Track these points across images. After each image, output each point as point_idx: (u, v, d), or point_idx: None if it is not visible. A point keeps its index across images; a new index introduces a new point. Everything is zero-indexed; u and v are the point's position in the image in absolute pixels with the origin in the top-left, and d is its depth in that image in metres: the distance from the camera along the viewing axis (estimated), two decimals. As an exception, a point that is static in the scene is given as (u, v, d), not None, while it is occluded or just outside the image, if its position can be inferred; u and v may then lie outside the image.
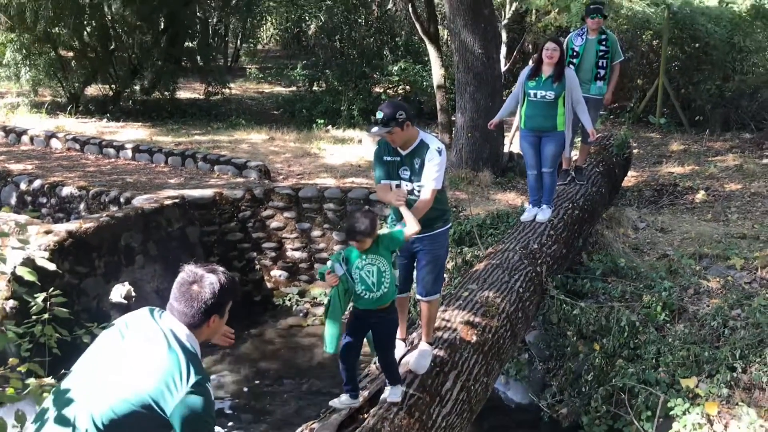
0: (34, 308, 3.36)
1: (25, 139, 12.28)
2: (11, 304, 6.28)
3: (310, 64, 18.58)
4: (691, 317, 6.02)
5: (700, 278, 6.58)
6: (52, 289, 3.50)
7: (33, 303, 3.32)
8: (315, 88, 18.30)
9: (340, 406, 3.97)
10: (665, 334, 5.87)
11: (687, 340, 5.68)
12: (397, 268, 4.37)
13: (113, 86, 16.70)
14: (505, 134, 11.02)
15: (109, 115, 15.05)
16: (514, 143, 11.16)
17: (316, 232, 8.97)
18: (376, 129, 3.98)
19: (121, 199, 8.63)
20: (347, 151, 12.01)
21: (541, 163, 6.53)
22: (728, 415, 4.95)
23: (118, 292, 8.44)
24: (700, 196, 9.45)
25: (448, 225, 4.33)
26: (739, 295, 6.13)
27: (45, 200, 9.32)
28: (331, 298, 3.85)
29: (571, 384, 6.07)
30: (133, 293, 8.48)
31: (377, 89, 17.75)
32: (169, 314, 2.59)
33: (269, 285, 9.05)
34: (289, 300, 8.85)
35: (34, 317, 3.41)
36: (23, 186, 9.48)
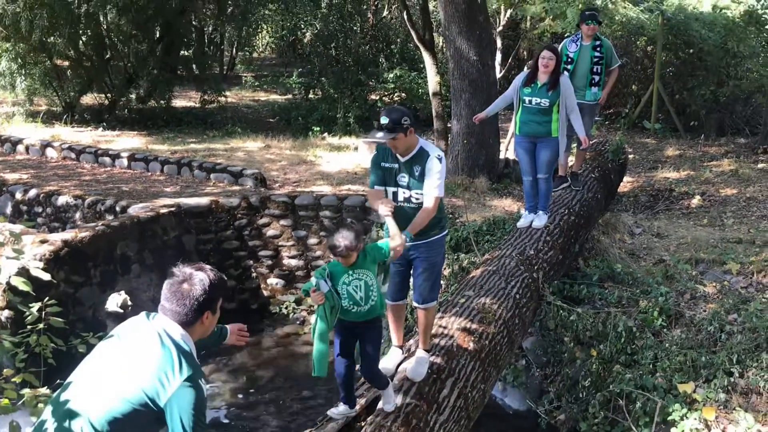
0: (29, 318, 3.34)
1: (21, 148, 12.26)
2: (6, 314, 6.27)
3: (306, 71, 18.61)
4: (688, 322, 6.01)
5: (697, 283, 6.58)
6: (47, 298, 3.49)
7: (28, 313, 3.31)
8: (311, 95, 18.34)
9: (337, 416, 3.96)
10: (662, 340, 5.87)
11: (684, 345, 5.68)
12: (390, 276, 4.36)
13: (109, 95, 16.69)
14: (501, 140, 11.05)
15: (105, 124, 15.04)
16: (509, 149, 11.18)
17: (313, 240, 8.96)
18: (381, 135, 3.95)
19: (117, 208, 8.62)
20: (343, 158, 12.02)
21: (537, 169, 6.54)
22: (726, 420, 4.95)
23: (114, 302, 8.41)
24: (696, 201, 9.47)
25: (445, 232, 4.33)
26: (735, 300, 6.13)
27: (40, 209, 9.30)
28: (318, 317, 3.78)
29: (568, 390, 6.06)
30: (129, 302, 8.45)
31: (373, 97, 17.78)
32: (162, 315, 2.63)
33: (266, 293, 9.03)
34: (286, 308, 8.83)
35: (29, 327, 3.40)
36: (19, 195, 9.46)
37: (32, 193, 9.39)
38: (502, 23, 17.15)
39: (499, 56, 15.66)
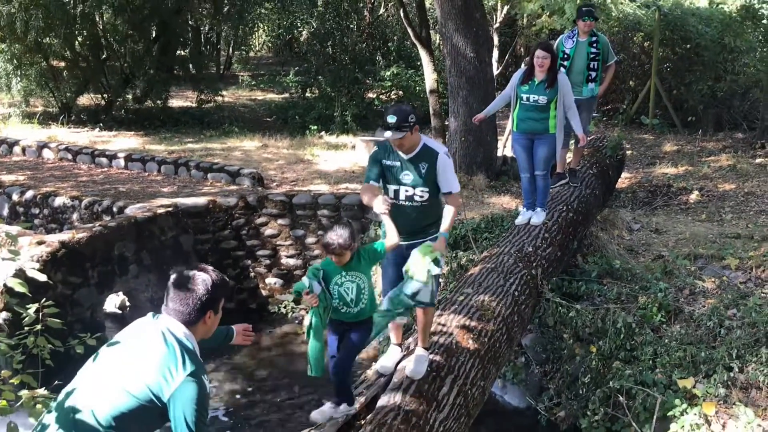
0: (27, 320, 3.33)
1: (17, 149, 12.24)
2: (4, 316, 6.26)
3: (303, 70, 18.58)
4: (687, 318, 6.01)
5: (696, 279, 6.57)
6: (44, 300, 3.47)
7: (25, 314, 3.29)
8: (308, 94, 18.30)
9: (336, 414, 3.93)
10: (661, 335, 5.86)
11: (683, 341, 5.67)
12: (388, 275, 4.34)
13: (105, 95, 16.67)
14: (499, 138, 11.03)
15: (102, 125, 15.02)
16: (507, 146, 11.17)
17: (311, 239, 8.94)
18: (390, 134, 3.93)
19: (114, 209, 8.60)
20: (341, 157, 12.01)
21: (534, 166, 6.53)
22: (726, 415, 4.94)
23: (113, 302, 8.42)
24: (694, 196, 9.46)
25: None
26: (734, 295, 6.13)
27: (37, 211, 9.28)
28: (312, 318, 3.74)
29: (568, 387, 6.06)
30: (127, 303, 8.46)
31: (370, 95, 17.76)
32: (166, 315, 2.68)
33: (264, 292, 9.02)
34: (285, 307, 8.82)
35: (27, 329, 3.38)
36: (15, 197, 9.44)
37: (29, 194, 9.37)
38: (499, 20, 17.11)
39: (496, 53, 15.63)
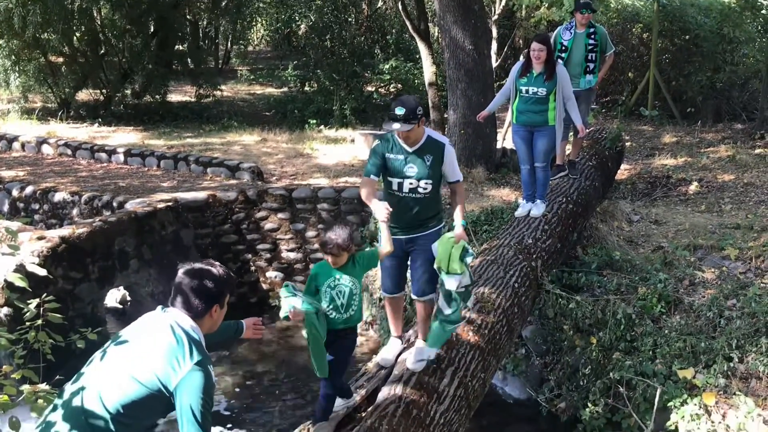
0: (28, 315, 3.33)
1: (17, 145, 12.24)
2: (5, 311, 6.26)
3: (301, 64, 18.55)
4: (687, 308, 6.02)
5: (695, 269, 6.58)
6: (45, 295, 3.48)
7: (26, 309, 3.30)
8: (306, 88, 18.27)
9: (336, 408, 3.94)
10: (661, 326, 5.87)
11: (683, 332, 5.68)
12: (386, 269, 4.33)
13: (104, 91, 16.65)
14: (498, 130, 11.03)
15: (101, 120, 15.01)
16: (507, 139, 11.16)
17: (311, 233, 8.95)
18: (398, 126, 3.91)
19: (114, 204, 8.61)
20: (340, 150, 12.00)
21: (534, 158, 6.53)
22: (726, 405, 4.95)
23: (113, 297, 8.43)
24: (694, 187, 9.46)
25: (442, 224, 4.31)
26: (734, 285, 6.13)
27: (37, 206, 9.29)
28: (308, 329, 3.60)
29: (568, 378, 6.07)
30: (128, 298, 8.47)
31: (369, 88, 17.73)
32: (173, 308, 2.78)
33: (265, 286, 9.04)
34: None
35: (28, 324, 3.39)
36: (15, 192, 9.44)
37: (29, 190, 9.38)
38: (498, 12, 17.08)
39: (494, 45, 15.60)
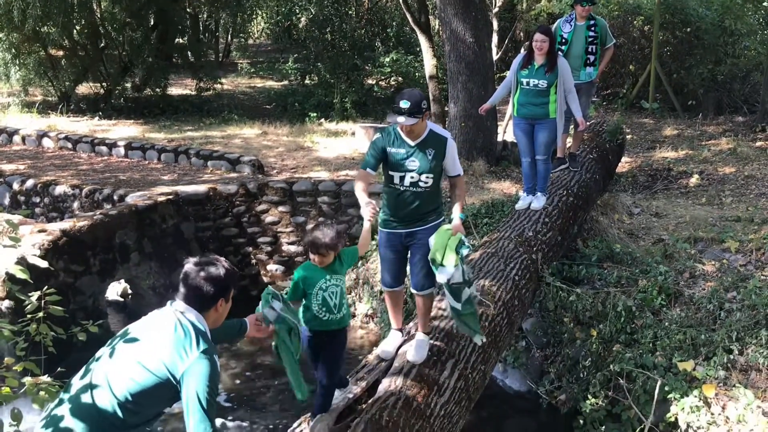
0: (29, 307, 3.34)
1: (17, 139, 12.23)
2: (7, 303, 6.27)
3: (302, 57, 18.52)
4: (687, 301, 6.03)
5: (696, 262, 6.59)
6: (46, 287, 3.48)
7: (27, 302, 3.31)
8: (307, 81, 18.26)
9: (336, 399, 3.94)
10: (662, 319, 5.88)
11: (683, 324, 5.69)
12: (385, 263, 4.32)
13: (104, 84, 16.64)
14: (499, 123, 11.02)
15: (101, 113, 15.00)
16: (507, 132, 11.16)
17: (311, 226, 8.94)
18: (403, 119, 3.88)
19: (115, 197, 8.61)
20: (341, 143, 11.99)
21: (535, 150, 6.53)
22: (725, 397, 4.97)
23: (115, 290, 8.44)
24: (694, 180, 9.46)
25: (442, 218, 4.29)
26: (734, 278, 6.14)
27: (38, 200, 9.29)
28: (278, 346, 3.52)
29: (569, 370, 6.09)
30: (129, 291, 8.48)
31: (369, 81, 17.70)
32: (180, 301, 2.86)
33: (265, 279, 9.04)
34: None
35: (29, 316, 3.40)
36: (16, 186, 9.44)
37: (29, 183, 9.38)
38: (498, 4, 17.07)
39: (495, 38, 15.61)
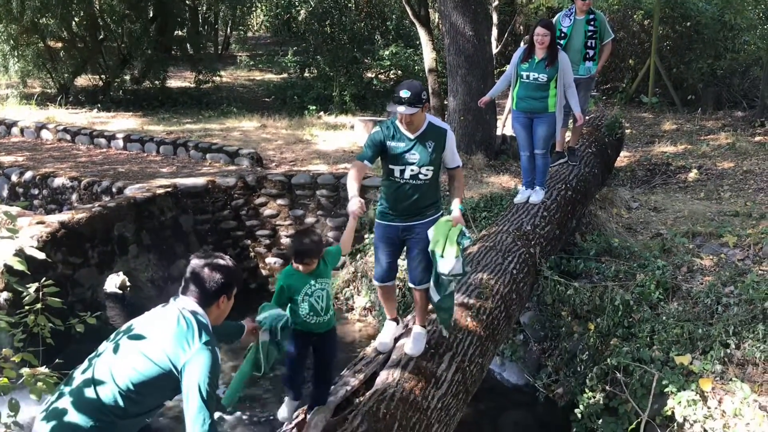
0: (27, 298, 3.34)
1: (15, 130, 12.22)
2: (5, 295, 6.27)
3: (301, 50, 18.48)
4: (685, 295, 6.04)
5: (694, 256, 6.60)
6: (44, 279, 3.49)
7: (25, 293, 3.31)
8: (306, 74, 18.22)
9: (284, 416, 3.90)
10: (659, 313, 5.89)
11: (681, 318, 5.71)
12: (379, 258, 4.30)
13: (103, 76, 16.61)
14: (498, 117, 11.01)
15: (100, 106, 14.98)
16: (507, 126, 11.15)
17: (310, 219, 8.95)
18: (403, 109, 3.86)
19: (114, 189, 8.60)
20: (339, 137, 11.99)
21: (534, 144, 6.53)
22: (722, 391, 4.98)
23: (113, 282, 8.44)
24: (693, 174, 9.47)
25: (440, 213, 4.26)
26: (732, 272, 6.16)
27: (37, 191, 9.28)
28: (256, 354, 3.47)
29: (566, 364, 6.10)
30: (127, 283, 8.48)
31: (369, 74, 17.67)
32: (183, 296, 2.90)
33: (264, 272, 9.05)
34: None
35: (27, 307, 3.40)
36: (14, 178, 9.44)
37: (28, 175, 9.37)
38: (498, -2, 17.02)
39: (495, 32, 15.58)
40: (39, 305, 3.40)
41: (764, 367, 5.08)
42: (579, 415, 5.43)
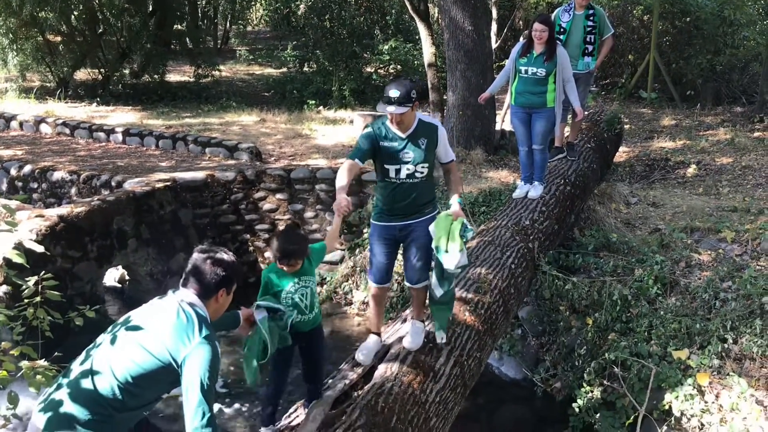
0: (26, 292, 3.35)
1: (14, 124, 12.20)
2: (4, 289, 6.28)
3: (301, 44, 18.46)
4: (683, 290, 6.05)
5: (692, 251, 6.61)
6: (43, 272, 3.49)
7: (24, 286, 3.32)
8: (305, 68, 18.21)
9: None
10: (657, 308, 5.91)
11: (679, 313, 5.72)
12: (376, 258, 4.23)
13: (102, 70, 16.58)
14: (497, 112, 11.01)
15: (99, 100, 14.95)
16: (506, 121, 11.15)
17: (309, 213, 8.96)
18: (393, 108, 3.82)
19: (113, 183, 8.60)
20: (339, 131, 11.98)
21: (532, 139, 6.53)
22: (719, 386, 5.00)
23: (112, 276, 8.45)
24: (692, 170, 9.48)
25: (437, 210, 4.23)
26: (730, 268, 6.17)
27: (36, 185, 9.28)
28: (250, 341, 3.47)
29: (564, 358, 6.12)
30: (126, 277, 8.49)
31: (368, 69, 17.66)
32: (183, 289, 2.93)
33: (263, 266, 9.05)
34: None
35: (26, 301, 3.41)
36: (14, 171, 9.43)
37: (27, 169, 9.36)
38: (498, -7, 16.98)
39: (494, 26, 15.56)
40: (38, 298, 3.41)
41: (761, 362, 5.09)
42: (577, 410, 5.45)
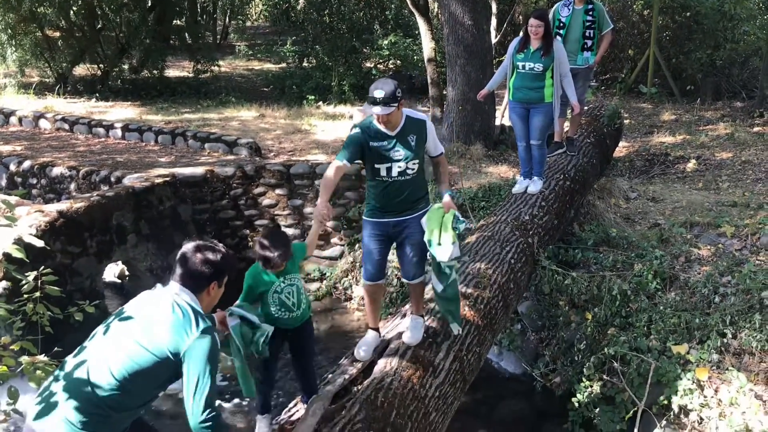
0: (26, 287, 3.35)
1: (14, 120, 12.19)
2: (4, 284, 6.28)
3: (300, 39, 18.43)
4: (682, 285, 6.06)
5: (691, 246, 6.61)
6: (43, 268, 3.49)
7: (24, 281, 3.32)
8: (305, 64, 18.17)
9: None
10: (657, 302, 5.91)
11: (678, 308, 5.72)
12: (370, 255, 4.20)
13: (101, 66, 16.56)
14: (497, 107, 11.00)
15: (98, 95, 14.94)
16: (505, 116, 11.14)
17: (308, 209, 8.95)
18: (379, 109, 3.79)
19: (112, 179, 8.60)
20: (338, 126, 11.98)
21: (530, 135, 6.52)
22: (718, 380, 5.00)
23: (112, 272, 8.45)
24: (691, 165, 9.47)
25: (430, 205, 4.21)
26: (729, 262, 6.17)
27: (35, 181, 9.28)
28: (235, 352, 3.46)
29: (563, 353, 6.13)
30: (126, 272, 8.50)
31: (368, 64, 17.63)
32: (174, 282, 2.90)
33: (263, 262, 9.05)
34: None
35: (26, 296, 3.41)
36: (13, 167, 9.43)
37: (26, 164, 9.36)
38: (498, -12, 16.94)
39: (494, 21, 15.52)
40: (38, 294, 3.41)
41: (760, 357, 5.10)
42: (576, 404, 5.45)
